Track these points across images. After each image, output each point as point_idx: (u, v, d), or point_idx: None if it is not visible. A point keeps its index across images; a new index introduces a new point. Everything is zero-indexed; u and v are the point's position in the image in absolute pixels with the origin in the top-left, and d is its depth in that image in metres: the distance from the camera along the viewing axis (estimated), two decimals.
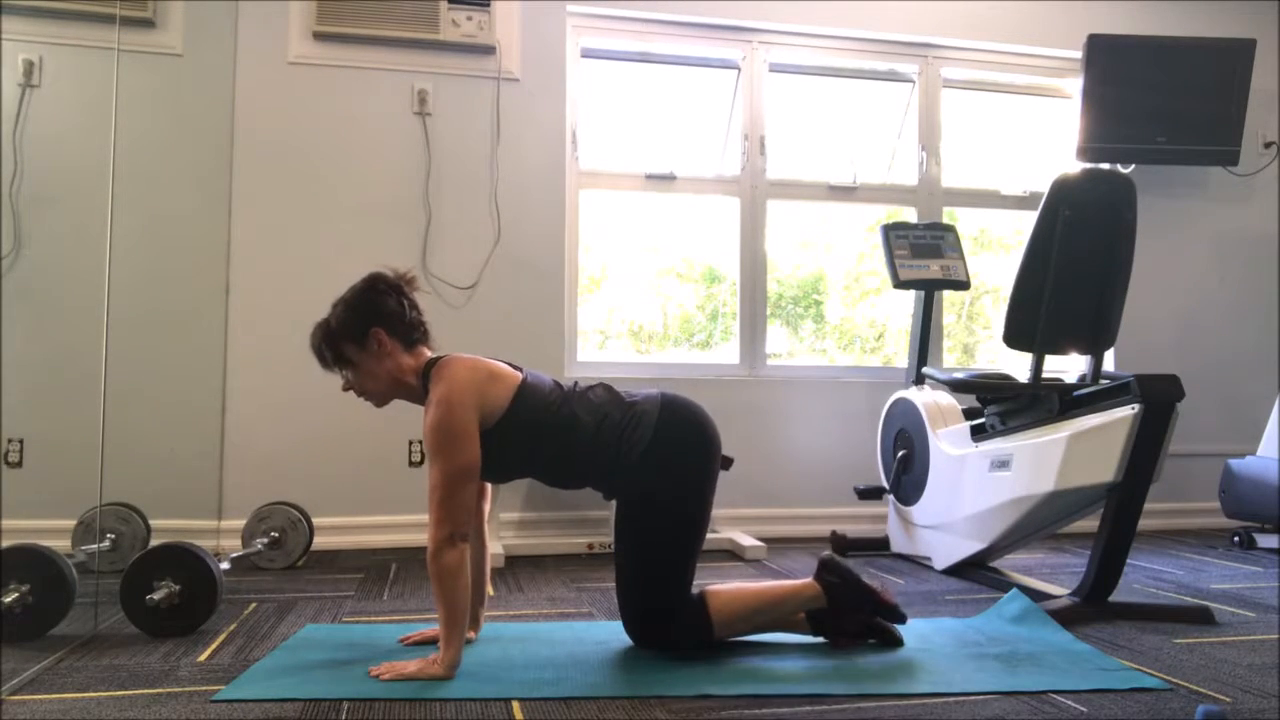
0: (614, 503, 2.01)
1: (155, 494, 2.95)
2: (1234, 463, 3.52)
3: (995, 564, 2.90)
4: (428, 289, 3.39)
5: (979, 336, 4.31)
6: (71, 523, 2.78)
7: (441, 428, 1.76)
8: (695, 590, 1.97)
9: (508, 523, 3.38)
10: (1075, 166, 2.83)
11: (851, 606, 1.98)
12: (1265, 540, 3.39)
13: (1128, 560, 2.37)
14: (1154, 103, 3.53)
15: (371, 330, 1.85)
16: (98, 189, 2.54)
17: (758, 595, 1.99)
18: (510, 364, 1.94)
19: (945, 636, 2.08)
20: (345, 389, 1.92)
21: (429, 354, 1.93)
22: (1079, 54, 3.57)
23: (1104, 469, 2.28)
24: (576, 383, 1.99)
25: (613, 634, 2.04)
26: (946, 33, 3.90)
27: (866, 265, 4.17)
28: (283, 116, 3.34)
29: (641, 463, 1.87)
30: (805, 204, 3.94)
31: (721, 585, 1.99)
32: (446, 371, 1.83)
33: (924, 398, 3.12)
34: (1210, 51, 3.59)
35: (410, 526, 3.29)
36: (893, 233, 3.33)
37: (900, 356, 4.05)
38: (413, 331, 1.90)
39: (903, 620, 2.01)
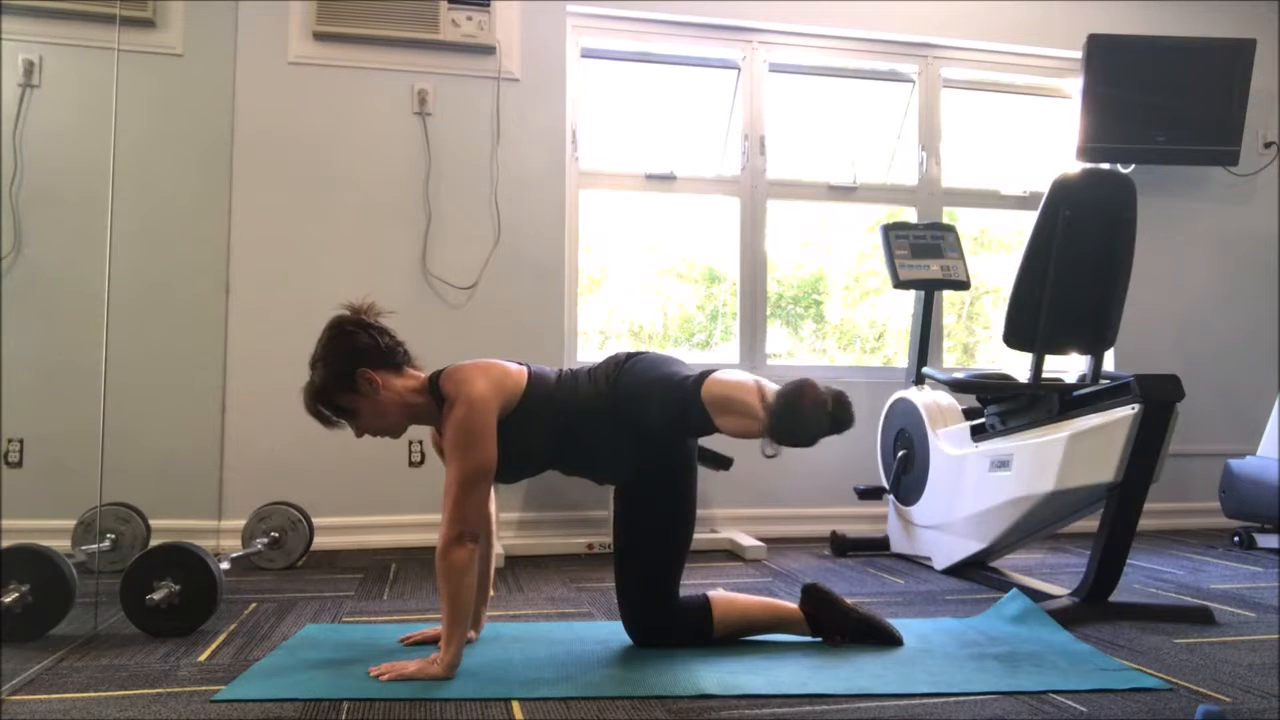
0: (612, 502, 2.02)
1: (155, 494, 2.95)
2: (1234, 463, 3.52)
3: (995, 564, 2.90)
4: (423, 288, 3.40)
5: (979, 336, 4.31)
6: (71, 523, 2.78)
7: (464, 426, 1.77)
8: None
9: (508, 523, 3.38)
10: (1075, 166, 2.84)
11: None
12: (1265, 540, 3.39)
13: (1128, 560, 2.37)
14: (1154, 103, 3.52)
15: (358, 372, 1.83)
16: (98, 189, 2.54)
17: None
18: (515, 362, 1.97)
19: (945, 636, 2.08)
20: (359, 435, 1.92)
21: (419, 371, 1.93)
22: (1079, 54, 3.57)
23: (1104, 469, 2.28)
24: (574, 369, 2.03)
25: (613, 634, 2.04)
26: (946, 33, 3.90)
27: (866, 265, 4.17)
28: (283, 116, 3.34)
29: (624, 377, 1.88)
30: (805, 204, 3.94)
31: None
32: (461, 375, 1.83)
33: (924, 398, 3.12)
34: (1210, 51, 3.59)
35: (410, 526, 3.29)
36: (893, 233, 3.33)
37: (900, 356, 4.05)
38: (394, 356, 1.88)
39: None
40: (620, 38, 3.72)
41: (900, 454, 3.17)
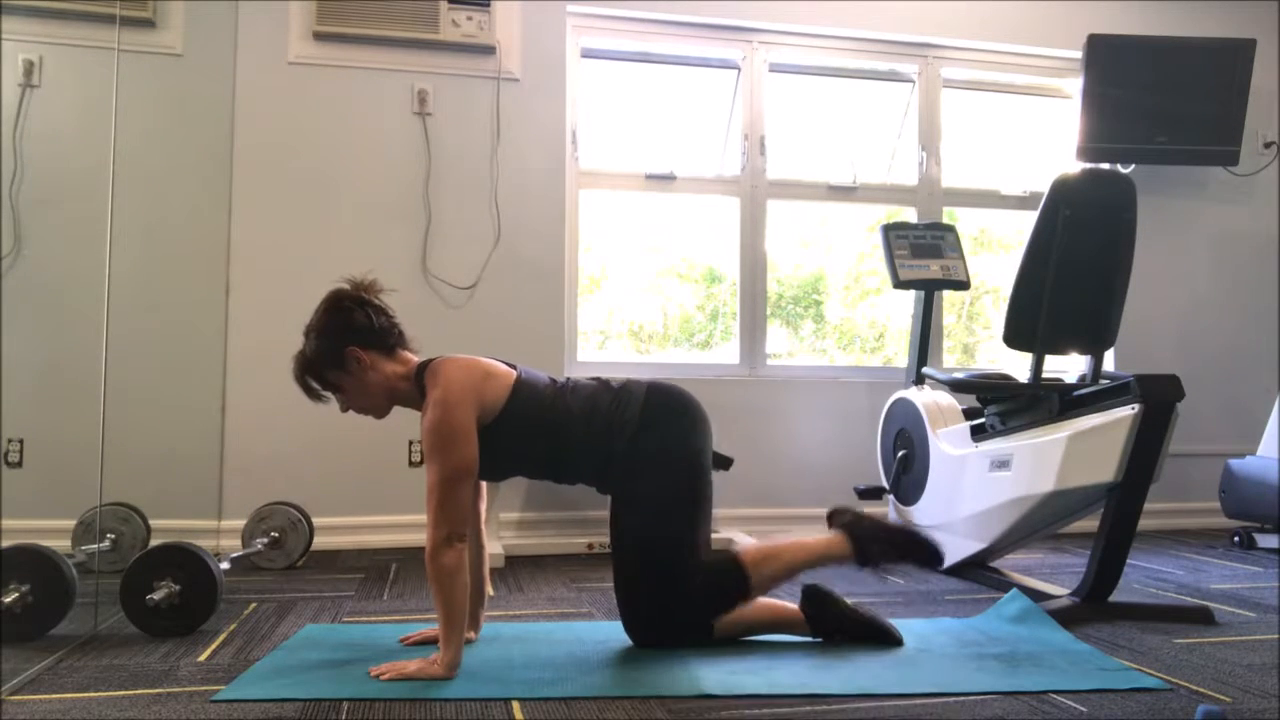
0: (610, 503, 2.01)
1: (155, 494, 2.95)
2: (1234, 463, 3.52)
3: (995, 564, 2.90)
4: (423, 288, 3.40)
5: (979, 336, 4.31)
6: (71, 523, 2.78)
7: (439, 428, 1.76)
8: (728, 552, 1.98)
9: (508, 523, 3.38)
10: (1075, 166, 2.83)
11: (880, 540, 1.96)
12: (1265, 540, 3.39)
13: (1128, 560, 2.37)
14: (1154, 103, 3.52)
15: (347, 350, 1.84)
16: (98, 189, 2.54)
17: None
18: (505, 362, 1.95)
19: (945, 636, 2.08)
20: (344, 410, 1.93)
21: (413, 356, 1.93)
22: (1079, 54, 3.57)
23: (1104, 469, 2.28)
24: (569, 378, 2.00)
25: (613, 634, 2.04)
26: (946, 33, 3.90)
27: (866, 265, 4.17)
28: (283, 116, 3.34)
29: (632, 446, 1.88)
30: (805, 204, 3.94)
31: (752, 545, 1.99)
32: (442, 372, 1.83)
33: (924, 398, 3.12)
34: (1210, 51, 3.59)
35: (410, 526, 3.29)
36: (893, 233, 3.33)
37: (900, 356, 4.05)
38: (387, 337, 1.89)
39: (940, 560, 1.99)
40: (620, 38, 3.72)
41: (900, 454, 3.17)
